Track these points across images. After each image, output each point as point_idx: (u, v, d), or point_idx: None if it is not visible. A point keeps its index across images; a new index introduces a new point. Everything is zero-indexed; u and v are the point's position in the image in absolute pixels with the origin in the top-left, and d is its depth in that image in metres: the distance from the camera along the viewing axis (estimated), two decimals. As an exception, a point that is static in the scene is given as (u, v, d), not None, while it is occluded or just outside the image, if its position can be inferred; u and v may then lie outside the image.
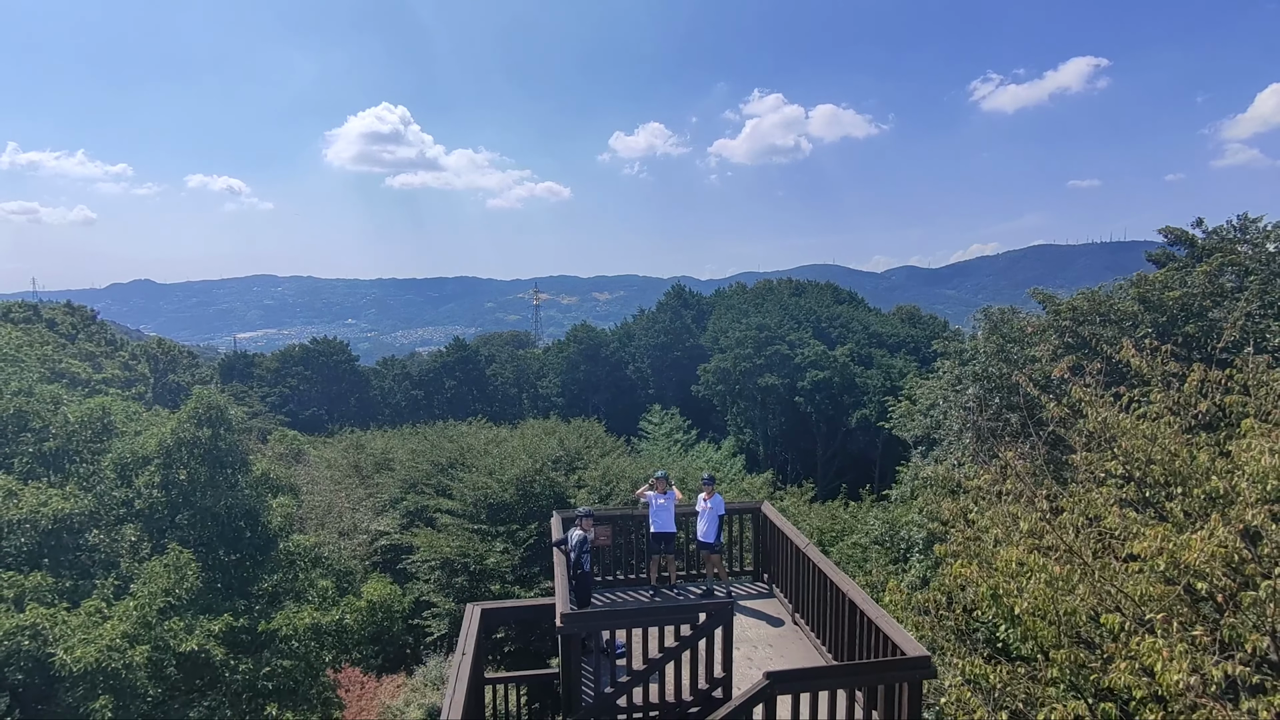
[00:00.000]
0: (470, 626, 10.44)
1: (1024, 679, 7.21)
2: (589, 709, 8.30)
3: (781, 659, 9.62)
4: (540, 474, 21.06)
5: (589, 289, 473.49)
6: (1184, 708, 5.59)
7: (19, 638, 10.59)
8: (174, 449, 14.78)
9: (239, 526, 15.33)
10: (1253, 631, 5.65)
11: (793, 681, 7.30)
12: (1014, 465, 8.34)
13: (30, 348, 28.43)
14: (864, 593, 8.72)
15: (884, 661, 7.55)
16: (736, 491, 29.52)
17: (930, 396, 21.24)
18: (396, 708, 18.45)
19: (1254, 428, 7.03)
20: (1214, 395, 7.78)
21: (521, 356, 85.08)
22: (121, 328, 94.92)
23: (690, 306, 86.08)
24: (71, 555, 13.43)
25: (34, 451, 14.47)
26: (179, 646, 11.98)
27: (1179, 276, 17.59)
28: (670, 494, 11.34)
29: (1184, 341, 15.40)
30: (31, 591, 11.60)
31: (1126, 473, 8.01)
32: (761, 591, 11.79)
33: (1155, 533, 6.21)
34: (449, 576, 20.45)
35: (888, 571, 17.43)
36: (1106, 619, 6.12)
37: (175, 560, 13.17)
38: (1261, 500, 6.23)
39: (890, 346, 71.55)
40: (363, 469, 31.45)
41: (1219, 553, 5.92)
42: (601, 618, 9.33)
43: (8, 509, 12.59)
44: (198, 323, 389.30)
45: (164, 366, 56.94)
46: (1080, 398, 8.21)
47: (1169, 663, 5.41)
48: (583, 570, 10.28)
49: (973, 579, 7.33)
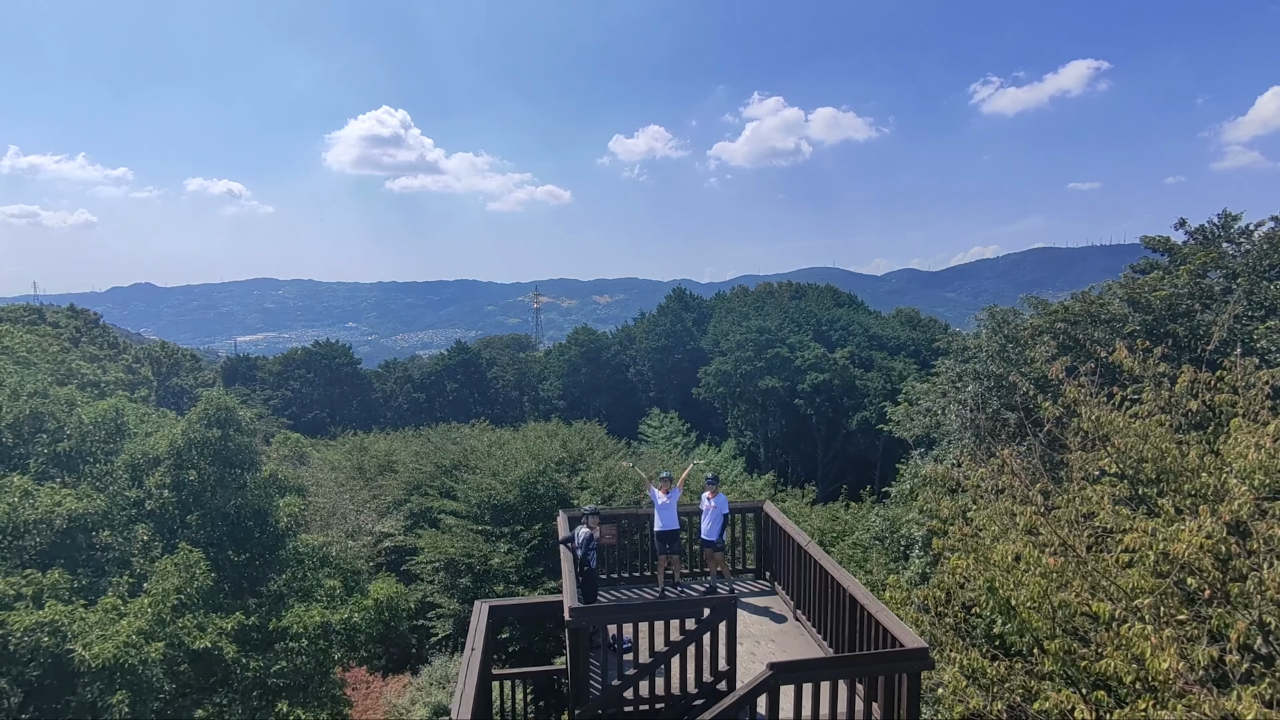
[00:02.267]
0: (479, 623, 10.66)
1: (1020, 673, 7.43)
2: (596, 701, 8.52)
3: (784, 653, 9.83)
4: (543, 475, 21.26)
5: (589, 292, 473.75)
6: (1173, 695, 5.81)
7: (39, 634, 10.80)
8: (185, 450, 15.01)
9: (248, 526, 15.55)
10: (1239, 620, 5.87)
11: (795, 672, 7.52)
12: (1011, 463, 8.56)
13: (41, 351, 28.67)
14: (864, 588, 8.94)
15: (884, 653, 7.77)
16: (738, 494, 29.71)
17: (930, 396, 21.48)
18: (402, 706, 18.66)
19: (1242, 426, 7.26)
20: (1204, 395, 8.01)
21: (522, 360, 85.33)
22: (123, 331, 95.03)
23: (691, 309, 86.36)
24: (85, 554, 13.64)
25: (48, 452, 14.69)
26: (192, 644, 12.20)
27: (1168, 279, 17.86)
28: (674, 493, 11.57)
29: (1173, 342, 15.65)
30: (49, 589, 11.82)
31: (1119, 470, 8.24)
32: (764, 589, 12.01)
33: (1145, 526, 6.44)
34: (453, 577, 20.64)
35: (888, 569, 17.64)
36: (1099, 608, 6.34)
37: (185, 559, 13.38)
38: (1249, 495, 6.45)
39: (890, 349, 71.80)
40: (366, 471, 31.67)
41: (1207, 545, 6.14)
42: (608, 612, 9.56)
43: (24, 509, 12.81)
44: (198, 326, 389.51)
45: (167, 370, 57.13)
46: (1075, 397, 8.44)
47: (1158, 650, 5.63)
48: (589, 567, 10.51)
49: (970, 573, 7.55)
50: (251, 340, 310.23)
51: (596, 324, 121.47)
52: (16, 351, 22.50)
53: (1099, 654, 6.51)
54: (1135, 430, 7.85)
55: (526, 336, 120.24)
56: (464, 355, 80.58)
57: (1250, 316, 16.38)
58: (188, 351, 67.78)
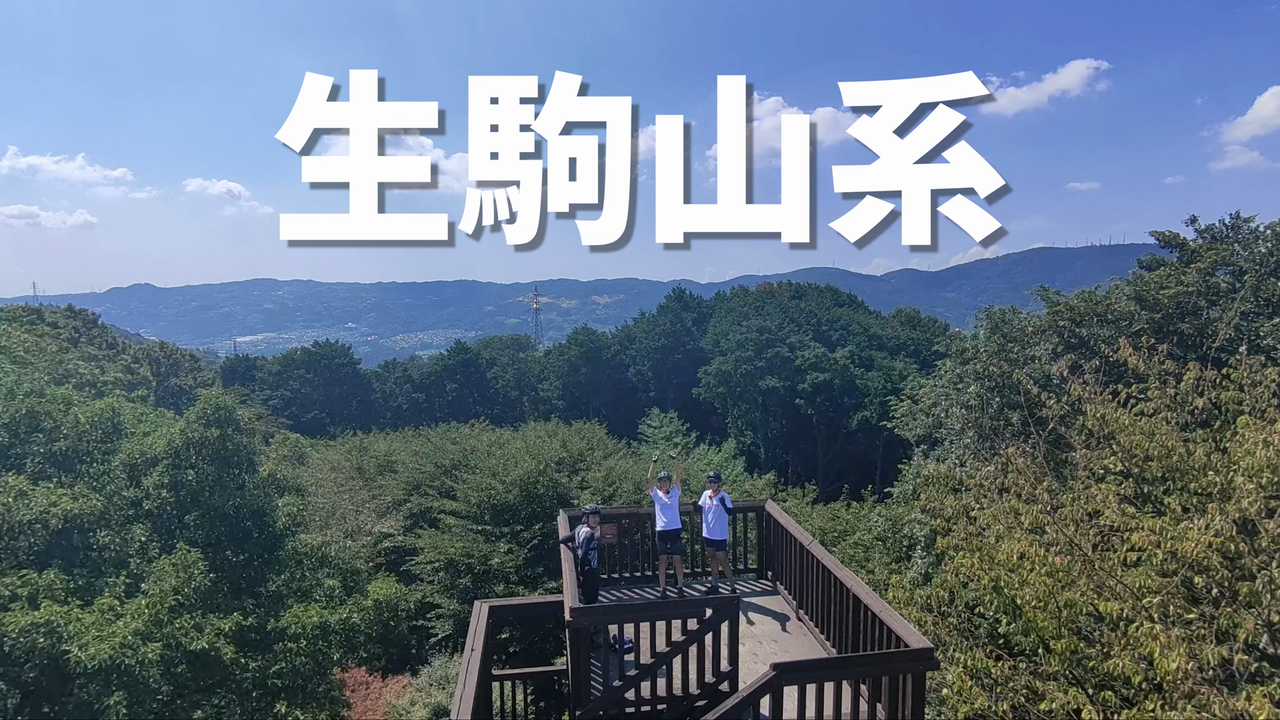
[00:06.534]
0: (479, 623, 10.59)
1: (1025, 673, 7.36)
2: (597, 702, 8.45)
3: (786, 654, 9.75)
4: (544, 475, 21.19)
5: (588, 292, 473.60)
6: (1182, 695, 5.74)
7: (34, 635, 10.73)
8: (183, 449, 14.95)
9: (246, 526, 15.49)
10: (1247, 619, 5.80)
11: (799, 673, 7.45)
12: (1015, 461, 8.49)
13: (39, 351, 28.61)
14: (867, 588, 8.87)
15: (888, 653, 7.69)
16: (739, 493, 29.66)
17: (932, 396, 21.43)
18: (402, 707, 18.59)
19: (1249, 424, 7.19)
20: (1209, 393, 7.95)
21: (522, 360, 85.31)
22: (122, 331, 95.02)
23: (691, 309, 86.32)
24: (82, 555, 13.58)
25: (45, 452, 14.63)
26: (190, 644, 12.14)
27: (1175, 275, 17.80)
28: (674, 492, 11.48)
29: (1179, 340, 15.60)
30: (45, 590, 11.75)
31: (1125, 469, 8.17)
32: (765, 589, 11.93)
33: (1152, 525, 6.37)
34: (453, 578, 20.57)
35: (890, 569, 17.58)
36: (1106, 607, 6.27)
37: (183, 560, 13.32)
38: (1257, 493, 6.39)
39: (890, 349, 71.78)
40: (366, 471, 31.62)
41: (1215, 543, 6.08)
42: (610, 612, 9.49)
43: (19, 509, 12.74)
44: (198, 326, 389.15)
45: (166, 370, 57.10)
46: (1079, 395, 8.37)
47: (1166, 649, 5.56)
48: (590, 567, 10.43)
49: (974, 572, 7.48)
50: (251, 340, 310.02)
51: (596, 324, 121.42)
52: (14, 351, 22.44)
53: (1106, 654, 6.44)
54: (1141, 428, 7.78)
55: (526, 337, 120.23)
56: (463, 355, 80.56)
57: (1257, 313, 16.33)
58: (187, 352, 67.74)
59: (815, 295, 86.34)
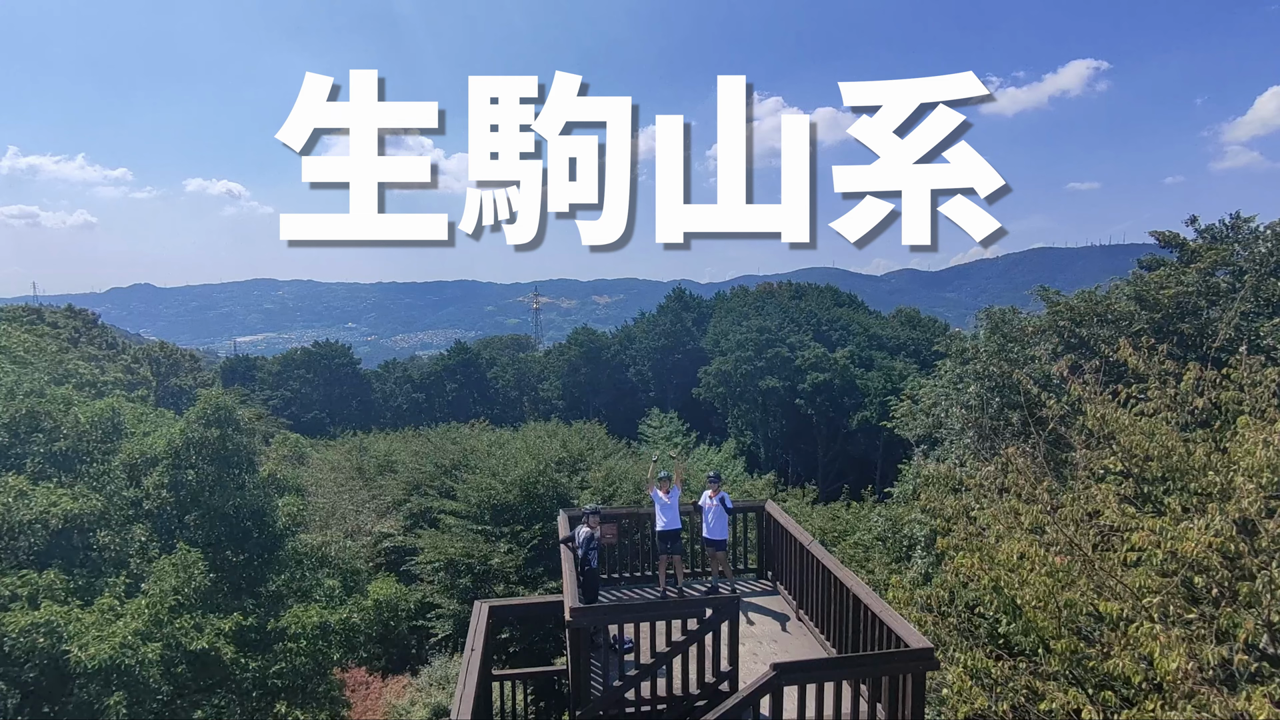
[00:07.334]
0: (479, 623, 10.59)
1: (1025, 673, 7.36)
2: (597, 702, 8.45)
3: (786, 654, 9.75)
4: (544, 475, 21.19)
5: (588, 292, 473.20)
6: (1182, 695, 5.74)
7: (34, 635, 10.73)
8: (183, 449, 14.95)
9: (246, 526, 15.48)
10: (1247, 619, 5.80)
11: (799, 672, 7.45)
12: (1015, 461, 8.49)
13: (39, 351, 28.61)
14: (867, 588, 8.86)
15: (888, 653, 7.69)
16: (739, 493, 29.66)
17: (932, 396, 21.43)
18: (402, 707, 18.59)
19: (1249, 424, 7.19)
20: (1209, 393, 7.95)
21: (522, 360, 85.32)
22: (122, 331, 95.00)
23: (691, 309, 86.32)
24: (82, 555, 13.58)
25: (45, 452, 14.63)
26: (190, 645, 12.14)
27: (1175, 275, 17.81)
28: (674, 492, 11.48)
29: (1179, 340, 15.60)
30: (45, 590, 11.75)
31: (1125, 469, 8.17)
32: (765, 589, 11.92)
33: (1152, 525, 6.37)
34: (453, 578, 20.57)
35: (890, 569, 17.58)
36: (1106, 607, 6.27)
37: (183, 559, 13.31)
38: (1257, 493, 6.38)
39: (890, 349, 71.79)
40: (366, 471, 31.61)
41: (1215, 543, 6.08)
42: (610, 612, 9.49)
43: (19, 509, 12.74)
44: (198, 326, 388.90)
45: (166, 370, 57.11)
46: (1079, 395, 8.37)
47: (1166, 649, 5.56)
48: (590, 567, 10.43)
49: (974, 572, 7.48)
50: (251, 340, 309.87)
51: (596, 324, 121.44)
52: (14, 351, 22.44)
53: (1106, 654, 6.44)
54: (1141, 428, 7.78)
55: (526, 337, 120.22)
56: (463, 355, 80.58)
57: (1257, 313, 16.34)
58: (187, 352, 67.74)
59: (815, 295, 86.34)
